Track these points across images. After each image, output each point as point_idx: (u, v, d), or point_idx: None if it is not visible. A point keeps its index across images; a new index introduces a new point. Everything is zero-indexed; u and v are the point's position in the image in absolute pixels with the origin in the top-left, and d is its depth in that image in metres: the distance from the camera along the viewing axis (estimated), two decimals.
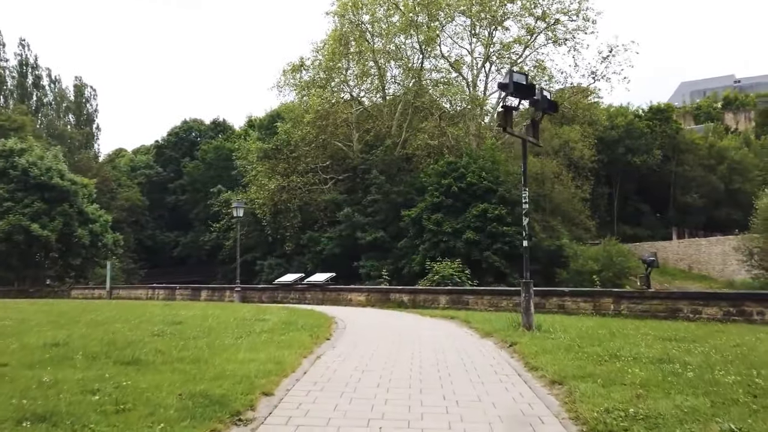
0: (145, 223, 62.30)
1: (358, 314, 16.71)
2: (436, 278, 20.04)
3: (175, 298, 28.01)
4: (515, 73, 10.70)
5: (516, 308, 16.68)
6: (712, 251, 41.56)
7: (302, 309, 17.78)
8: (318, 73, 52.05)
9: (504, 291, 16.91)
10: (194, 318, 13.07)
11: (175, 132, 66.90)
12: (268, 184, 48.81)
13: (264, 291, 23.97)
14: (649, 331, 10.63)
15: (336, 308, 19.77)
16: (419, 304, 18.78)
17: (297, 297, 22.59)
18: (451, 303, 17.94)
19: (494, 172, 41.17)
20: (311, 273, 48.86)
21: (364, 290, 21.00)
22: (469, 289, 17.53)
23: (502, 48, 48.46)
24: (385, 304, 19.79)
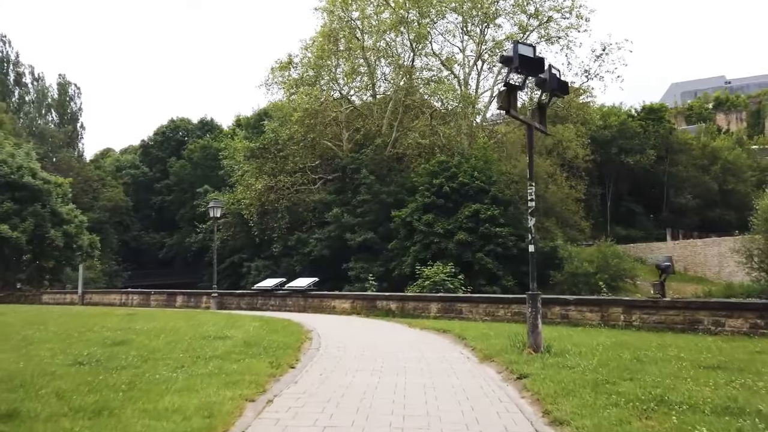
0: (130, 224, 59.99)
1: (340, 326, 14.74)
2: (427, 284, 17.95)
3: (149, 304, 25.96)
4: (521, 44, 8.78)
5: (515, 317, 14.79)
6: (708, 252, 39.94)
7: (279, 319, 15.79)
8: (306, 71, 50.07)
9: (501, 299, 15.04)
10: (146, 334, 11.06)
11: (162, 131, 64.56)
12: (254, 184, 46.77)
13: (242, 297, 21.96)
14: (680, 354, 8.73)
15: (317, 317, 17.78)
16: (408, 312, 16.86)
17: (277, 304, 20.59)
18: (443, 311, 16.04)
19: (486, 171, 39.40)
20: (300, 275, 46.83)
21: (349, 297, 19.06)
22: (463, 297, 15.65)
23: (495, 45, 46.69)
24: (371, 312, 17.87)
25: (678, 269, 41.43)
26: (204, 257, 54.96)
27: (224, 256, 53.15)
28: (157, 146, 63.94)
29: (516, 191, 39.13)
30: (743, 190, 51.63)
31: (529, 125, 9.41)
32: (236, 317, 16.14)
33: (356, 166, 44.89)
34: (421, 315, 16.48)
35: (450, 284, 17.98)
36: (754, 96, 72.33)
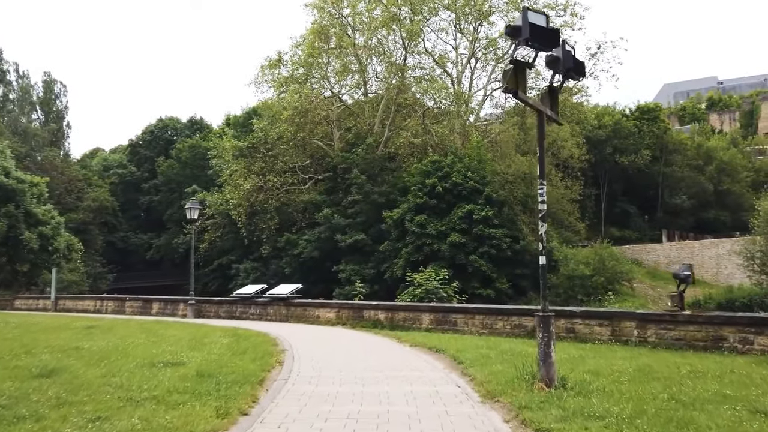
0: (117, 225, 57.92)
1: (321, 341, 12.98)
2: (419, 292, 16.15)
3: (124, 311, 24.11)
4: (531, 11, 7.08)
5: (515, 331, 13.10)
6: (705, 254, 38.47)
7: (254, 332, 14.02)
8: (297, 69, 48.28)
9: (499, 310, 13.35)
10: (88, 358, 9.31)
11: (150, 130, 62.43)
12: (243, 184, 44.94)
13: (221, 305, 20.14)
14: (724, 390, 7.05)
15: (298, 329, 16.02)
16: (398, 323, 15.15)
17: (258, 312, 18.81)
18: (435, 323, 14.35)
19: (480, 171, 37.79)
20: (290, 277, 45.10)
21: (334, 306, 17.31)
22: (458, 307, 13.97)
23: (488, 43, 45.11)
24: (358, 322, 16.15)
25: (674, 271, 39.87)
26: None
27: (212, 258, 51.33)
28: (145, 145, 61.84)
29: (510, 191, 37.53)
30: (738, 191, 50.29)
31: (540, 112, 7.72)
32: (207, 330, 14.35)
33: (347, 165, 43.16)
34: (412, 327, 14.76)
35: (443, 292, 16.16)
36: (747, 96, 71.13)
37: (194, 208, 20.77)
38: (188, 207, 20.79)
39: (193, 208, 20.72)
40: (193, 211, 20.69)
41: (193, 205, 20.77)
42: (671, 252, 40.56)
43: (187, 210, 20.81)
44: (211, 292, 47.27)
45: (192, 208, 20.70)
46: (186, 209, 20.73)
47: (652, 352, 11.15)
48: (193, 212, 20.68)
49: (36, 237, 28.91)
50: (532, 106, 7.62)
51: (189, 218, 20.82)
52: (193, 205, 20.77)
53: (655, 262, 40.85)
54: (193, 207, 20.73)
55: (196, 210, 20.90)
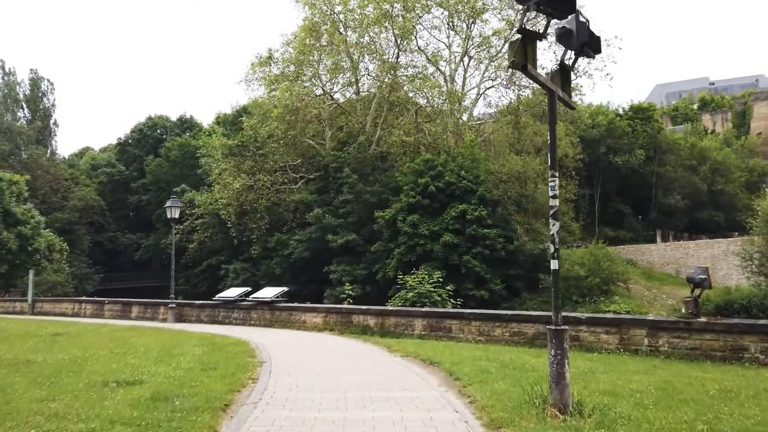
0: (105, 225, 56.40)
1: (304, 350, 11.80)
2: (411, 296, 14.94)
3: (103, 315, 22.80)
4: None
5: (514, 338, 11.99)
6: (700, 255, 37.54)
7: (233, 340, 12.83)
8: (287, 66, 47.05)
9: (497, 316, 12.25)
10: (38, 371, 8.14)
11: (139, 129, 60.87)
12: (232, 183, 43.65)
13: (203, 309, 18.90)
14: (763, 414, 5.96)
15: (282, 335, 14.84)
16: (389, 329, 14.01)
17: (241, 317, 17.59)
18: (429, 329, 13.21)
19: (474, 170, 36.73)
20: (280, 277, 43.82)
21: (321, 310, 16.09)
22: (453, 312, 12.85)
23: (482, 41, 44.06)
24: (346, 328, 14.99)
25: (669, 272, 39.02)
26: (181, 259, 51.64)
27: (201, 258, 49.99)
28: (134, 144, 60.30)
29: (504, 191, 36.47)
30: (732, 191, 49.54)
31: (552, 91, 6.58)
32: (182, 338, 13.13)
33: (338, 164, 41.98)
34: (404, 333, 13.61)
35: (437, 296, 15.02)
36: (739, 97, 70.56)
37: (175, 206, 19.46)
38: (169, 206, 19.48)
39: (174, 207, 19.41)
40: (173, 210, 19.37)
41: (174, 203, 19.46)
42: (666, 252, 39.63)
43: (167, 209, 19.51)
44: (201, 293, 45.93)
45: (173, 206, 19.38)
46: (166, 208, 19.43)
47: (665, 363, 10.06)
48: (173, 211, 19.37)
49: (15, 237, 27.53)
50: (543, 84, 6.48)
51: (170, 217, 19.50)
52: (173, 203, 19.46)
53: (649, 263, 39.94)
54: (173, 206, 19.41)
55: (177, 209, 19.59)
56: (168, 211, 19.49)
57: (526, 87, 43.35)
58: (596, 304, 33.15)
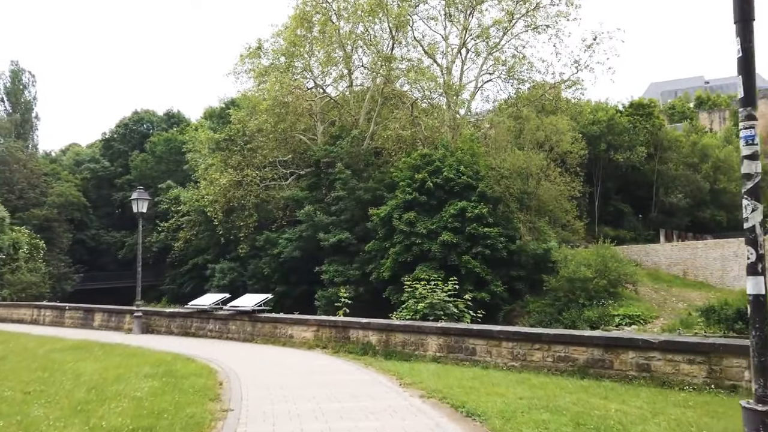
0: (88, 222, 52.94)
1: (288, 382, 8.79)
2: (421, 307, 11.86)
3: (63, 322, 19.66)
4: None
5: (559, 365, 9.13)
6: (709, 255, 35.03)
7: (198, 366, 9.83)
8: (278, 58, 43.93)
9: (537, 336, 9.22)
10: None
11: (124, 123, 57.43)
12: (219, 178, 40.50)
13: (173, 318, 15.80)
14: None
15: (264, 354, 11.87)
16: (395, 349, 11.01)
17: (217, 329, 14.56)
18: (446, 350, 10.25)
19: (473, 166, 33.92)
20: (269, 278, 40.69)
21: (311, 323, 13.03)
22: (478, 330, 9.85)
23: (481, 32, 41.18)
24: (342, 345, 12.00)
25: (676, 273, 36.46)
26: (166, 258, 48.44)
27: (188, 258, 46.88)
28: (119, 139, 56.83)
29: (506, 187, 33.68)
30: (734, 190, 47.16)
31: None
32: (133, 362, 10.11)
33: (331, 159, 39.00)
34: (415, 354, 10.65)
35: (453, 307, 11.97)
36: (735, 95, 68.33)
37: (142, 199, 16.38)
38: (135, 198, 16.37)
39: (141, 200, 16.34)
40: (140, 203, 16.29)
41: (141, 195, 16.38)
42: (672, 253, 37.08)
43: (134, 202, 16.43)
44: (186, 294, 42.74)
45: (139, 199, 16.31)
46: (132, 201, 16.34)
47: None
48: (140, 204, 16.28)
49: None
50: None
51: (136, 211, 16.43)
52: (140, 195, 16.37)
53: (655, 264, 37.36)
54: (140, 198, 16.33)
55: (144, 202, 16.51)
56: (134, 205, 16.40)
57: (526, 81, 40.65)
58: (604, 307, 30.49)
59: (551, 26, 40.67)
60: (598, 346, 8.81)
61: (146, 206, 16.44)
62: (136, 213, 16.60)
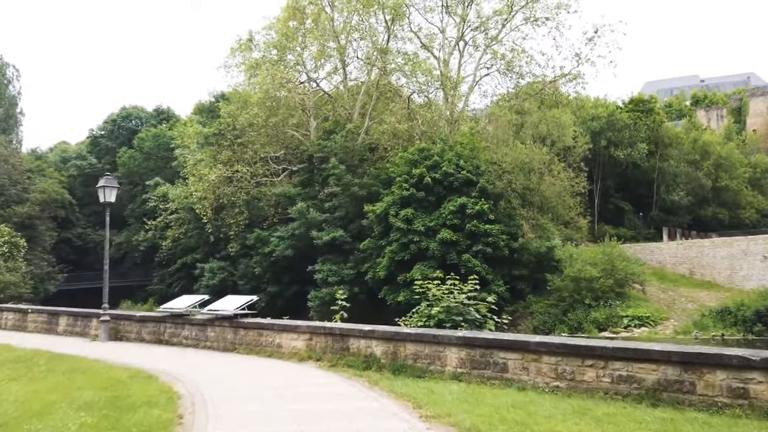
0: (74, 221, 50.34)
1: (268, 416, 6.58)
2: (436, 311, 9.49)
3: (26, 327, 17.35)
4: None
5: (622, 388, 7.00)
6: (717, 254, 33.17)
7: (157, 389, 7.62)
8: (269, 50, 41.61)
9: (588, 349, 6.95)
10: None
11: (112, 119, 54.85)
12: (208, 174, 38.11)
13: (145, 323, 13.50)
14: None
15: (245, 370, 9.66)
16: (405, 363, 8.76)
17: (194, 336, 12.31)
18: (469, 365, 8.07)
19: (473, 160, 31.78)
20: (260, 277, 38.19)
21: (303, 330, 10.63)
22: (511, 341, 7.64)
23: (480, 24, 39.10)
24: (340, 358, 9.78)
25: (682, 272, 34.58)
26: (154, 257, 45.94)
27: (176, 257, 44.45)
28: (107, 136, 54.25)
29: (508, 183, 31.59)
30: (736, 187, 45.50)
31: None
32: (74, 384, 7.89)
33: (324, 154, 36.81)
34: (429, 370, 8.47)
35: (475, 311, 9.63)
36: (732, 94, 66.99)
37: (109, 187, 14.06)
38: (102, 186, 14.04)
39: (108, 188, 14.01)
40: (107, 191, 13.96)
41: (108, 183, 14.05)
42: (678, 251, 35.20)
43: (99, 190, 14.11)
44: (176, 295, 40.02)
45: (106, 187, 13.98)
46: (98, 189, 14.04)
47: None
48: (107, 192, 13.96)
49: None
50: None
51: (103, 201, 14.13)
52: (107, 183, 14.04)
53: (660, 263, 35.47)
54: (107, 186, 13.99)
55: (112, 190, 14.18)
56: (100, 193, 14.10)
57: (525, 74, 38.59)
58: (612, 308, 28.48)
59: (551, 18, 38.65)
60: (673, 364, 6.69)
61: (114, 195, 14.18)
62: (102, 203, 14.31)
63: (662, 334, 25.71)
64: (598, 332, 27.35)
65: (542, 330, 28.31)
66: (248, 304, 11.85)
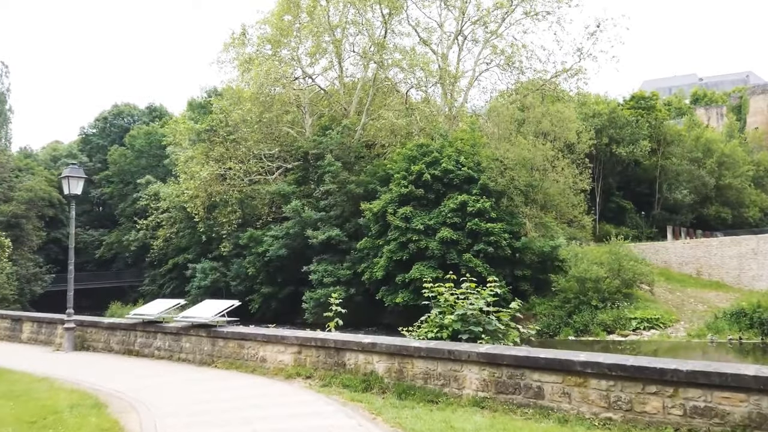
0: (63, 220, 48.37)
1: None
2: (450, 321, 7.46)
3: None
4: None
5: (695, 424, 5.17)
6: (725, 253, 31.64)
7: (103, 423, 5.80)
8: (263, 45, 39.83)
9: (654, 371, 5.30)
10: None
11: (104, 117, 52.93)
12: (200, 172, 36.30)
13: (114, 331, 11.73)
14: None
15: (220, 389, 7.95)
16: (413, 383, 7.21)
17: (167, 346, 10.56)
18: (493, 388, 6.42)
19: (474, 156, 30.11)
20: (254, 278, 36.22)
21: (290, 342, 8.87)
22: (549, 359, 5.81)
23: (479, 18, 37.44)
24: (335, 375, 8.06)
25: (689, 272, 33.03)
26: (145, 257, 44.07)
27: (168, 257, 42.55)
28: (98, 134, 52.35)
29: (510, 179, 29.91)
30: (739, 186, 43.99)
31: None
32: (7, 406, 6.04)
33: (320, 151, 35.07)
34: (443, 393, 6.79)
35: (497, 321, 7.73)
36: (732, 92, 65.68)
37: (74, 177, 12.21)
38: (66, 175, 12.15)
39: (73, 178, 12.16)
40: (72, 182, 12.11)
41: (74, 173, 12.21)
42: (684, 251, 33.64)
43: (63, 180, 12.20)
44: (167, 296, 38.38)
45: (71, 177, 12.13)
46: (62, 179, 12.14)
47: None
48: (72, 183, 12.10)
49: None
50: None
51: (67, 193, 12.29)
52: (72, 173, 12.20)
53: (665, 262, 33.91)
54: (72, 176, 12.15)
55: (78, 181, 12.30)
56: (64, 184, 12.22)
57: (526, 69, 36.95)
58: (619, 309, 26.84)
59: (552, 12, 37.04)
60: None
61: (81, 186, 12.37)
62: (67, 194, 12.51)
63: (674, 338, 24.10)
64: (605, 335, 25.77)
65: (546, 333, 26.69)
66: (228, 309, 10.12)
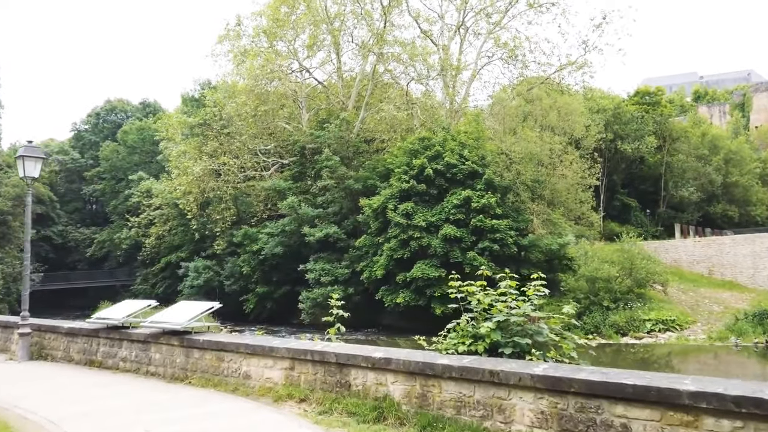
0: (55, 218, 46.34)
1: None
2: (486, 330, 5.10)
3: None
4: None
5: None
6: (738, 252, 29.92)
7: None
8: (258, 37, 37.89)
9: None
10: None
11: (96, 113, 50.87)
12: (192, 167, 34.32)
13: (74, 338, 9.80)
14: None
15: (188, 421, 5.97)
16: (440, 413, 5.05)
17: (134, 357, 8.64)
18: (556, 424, 4.39)
19: (478, 150, 28.23)
20: (248, 277, 34.29)
21: (281, 355, 6.75)
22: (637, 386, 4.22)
23: (481, 9, 35.60)
24: (336, 399, 5.97)
25: (700, 271, 31.30)
26: (137, 255, 42.02)
27: (161, 255, 40.54)
28: (91, 129, 50.32)
29: (517, 174, 28.04)
30: (746, 183, 42.33)
31: None
32: None
33: (317, 145, 33.15)
34: (484, 428, 5.00)
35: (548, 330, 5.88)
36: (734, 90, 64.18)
37: (30, 157, 10.12)
38: (21, 155, 10.05)
39: (29, 157, 10.08)
40: (28, 163, 10.03)
41: (30, 152, 10.14)
42: (695, 249, 31.90)
43: (18, 160, 10.13)
44: (160, 295, 36.28)
45: (26, 156, 10.03)
46: (17, 158, 10.07)
47: None
48: (27, 165, 10.05)
49: None
50: None
51: (23, 176, 10.29)
52: (28, 152, 10.13)
53: (675, 261, 32.17)
54: (28, 156, 10.05)
55: (36, 162, 10.17)
56: (19, 165, 10.16)
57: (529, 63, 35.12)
58: (632, 310, 25.02)
59: (556, 4, 35.23)
60: None
61: (39, 168, 10.36)
62: (22, 178, 10.56)
63: (693, 341, 22.28)
64: (618, 337, 23.94)
65: None
66: (205, 314, 8.21)
